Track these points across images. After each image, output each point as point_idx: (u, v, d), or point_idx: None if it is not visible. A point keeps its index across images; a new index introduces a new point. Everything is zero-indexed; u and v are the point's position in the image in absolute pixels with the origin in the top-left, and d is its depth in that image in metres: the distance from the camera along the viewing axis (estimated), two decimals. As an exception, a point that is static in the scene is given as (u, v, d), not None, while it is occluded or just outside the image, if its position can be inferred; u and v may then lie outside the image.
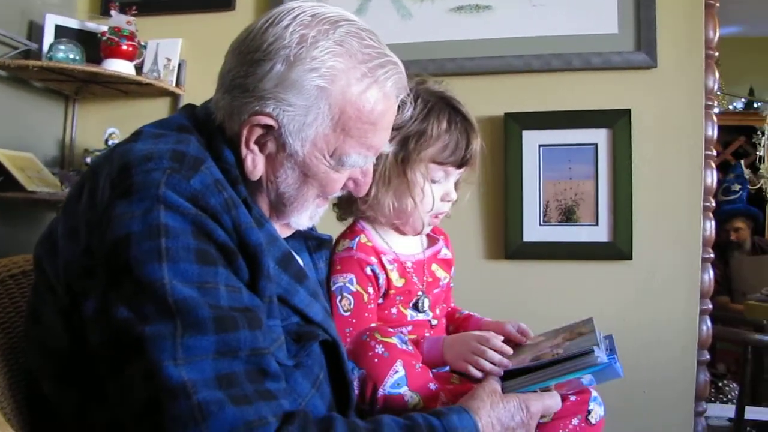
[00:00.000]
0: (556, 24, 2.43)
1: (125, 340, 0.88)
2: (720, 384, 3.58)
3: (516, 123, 2.43)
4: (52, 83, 2.67)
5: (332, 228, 1.42)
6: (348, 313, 1.32)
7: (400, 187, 1.37)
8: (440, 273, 1.48)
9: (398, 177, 1.37)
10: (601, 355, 1.13)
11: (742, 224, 4.36)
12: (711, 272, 2.32)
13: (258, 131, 1.05)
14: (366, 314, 1.34)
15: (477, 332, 1.33)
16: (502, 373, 1.22)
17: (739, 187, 4.39)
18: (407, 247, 1.45)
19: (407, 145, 1.36)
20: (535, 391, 1.16)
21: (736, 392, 3.30)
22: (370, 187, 1.31)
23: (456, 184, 1.44)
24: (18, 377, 1.15)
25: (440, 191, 1.41)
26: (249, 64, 1.04)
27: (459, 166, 1.41)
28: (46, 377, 1.06)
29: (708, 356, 2.32)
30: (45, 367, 1.06)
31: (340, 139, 1.07)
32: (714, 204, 2.34)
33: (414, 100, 1.36)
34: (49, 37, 2.56)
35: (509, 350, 1.28)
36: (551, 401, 1.16)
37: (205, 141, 1.06)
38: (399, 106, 1.21)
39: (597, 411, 1.31)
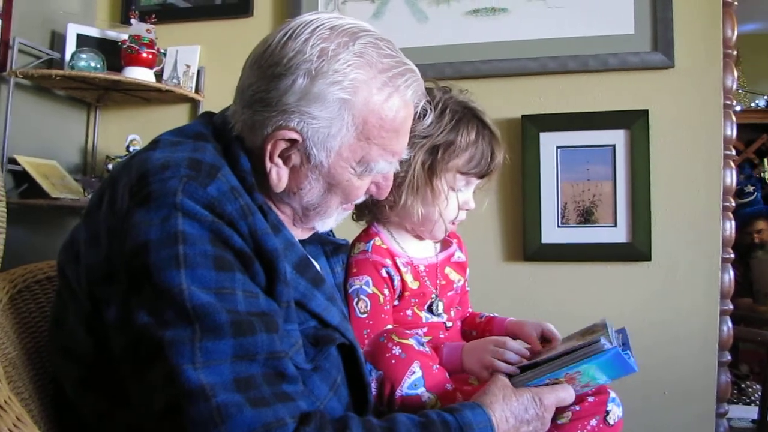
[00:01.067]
0: (572, 25, 2.43)
1: (145, 345, 0.90)
2: (743, 385, 3.54)
3: (533, 125, 2.43)
4: (74, 91, 2.71)
5: (348, 230, 1.43)
6: (365, 315, 1.34)
7: (426, 195, 1.40)
8: (454, 276, 1.49)
9: (425, 185, 1.39)
10: (607, 342, 1.13)
11: (764, 225, 4.29)
12: (731, 272, 2.30)
13: (282, 145, 1.07)
14: (382, 315, 1.36)
15: (494, 337, 1.35)
16: (518, 371, 1.23)
17: (753, 188, 4.32)
18: (420, 250, 1.47)
19: (436, 154, 1.38)
20: (546, 384, 1.17)
21: (760, 393, 3.26)
22: (400, 195, 1.36)
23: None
24: (45, 380, 1.18)
25: (460, 199, 1.43)
26: (270, 79, 1.05)
27: (481, 176, 1.44)
28: (70, 380, 1.08)
29: (729, 357, 2.30)
30: (68, 370, 1.08)
31: (365, 147, 1.09)
32: (734, 204, 2.33)
33: (442, 110, 1.39)
34: (71, 46, 2.60)
35: (526, 352, 1.29)
36: (564, 393, 1.17)
37: (221, 148, 1.08)
38: (420, 114, 1.24)
39: (615, 412, 1.31)
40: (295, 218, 1.18)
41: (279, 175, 1.09)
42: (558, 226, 2.41)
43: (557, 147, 2.42)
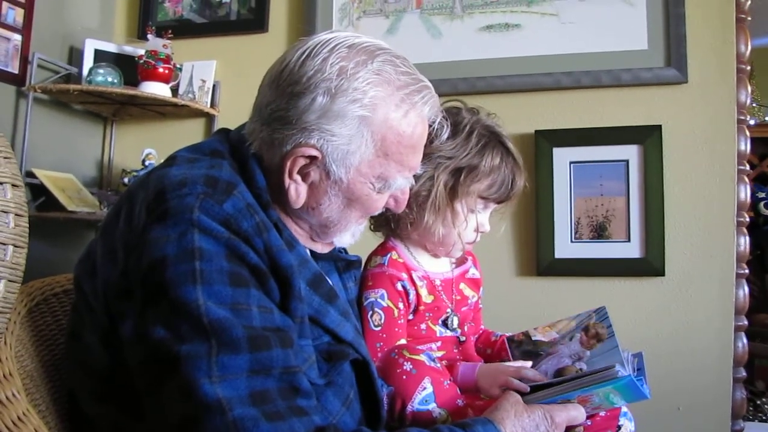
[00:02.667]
0: (586, 41, 2.43)
1: (162, 359, 0.91)
2: (758, 402, 3.51)
3: (546, 140, 2.43)
4: (91, 106, 2.74)
5: (365, 243, 1.44)
6: (379, 328, 1.35)
7: (447, 216, 1.40)
8: (468, 292, 1.50)
9: (446, 206, 1.40)
10: (621, 369, 1.14)
11: None
12: (746, 288, 2.28)
13: (301, 162, 1.08)
14: (396, 329, 1.36)
15: (513, 366, 1.33)
16: (528, 389, 1.23)
17: None
18: (436, 265, 1.48)
19: (458, 177, 1.39)
20: (558, 403, 1.18)
21: (775, 410, 3.23)
22: (422, 215, 1.38)
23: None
24: (61, 392, 1.19)
25: (476, 222, 1.44)
26: (289, 97, 1.07)
27: (500, 202, 1.45)
28: (85, 393, 1.09)
29: (744, 373, 2.28)
30: (84, 383, 1.09)
31: (383, 163, 1.11)
32: (748, 219, 2.32)
33: (469, 133, 1.40)
34: (88, 62, 2.64)
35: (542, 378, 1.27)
36: (575, 412, 1.17)
37: (237, 166, 1.09)
38: (437, 130, 1.26)
39: (627, 426, 1.31)
40: (312, 233, 1.19)
41: (298, 191, 1.10)
42: (571, 241, 2.41)
43: (570, 162, 2.42)
